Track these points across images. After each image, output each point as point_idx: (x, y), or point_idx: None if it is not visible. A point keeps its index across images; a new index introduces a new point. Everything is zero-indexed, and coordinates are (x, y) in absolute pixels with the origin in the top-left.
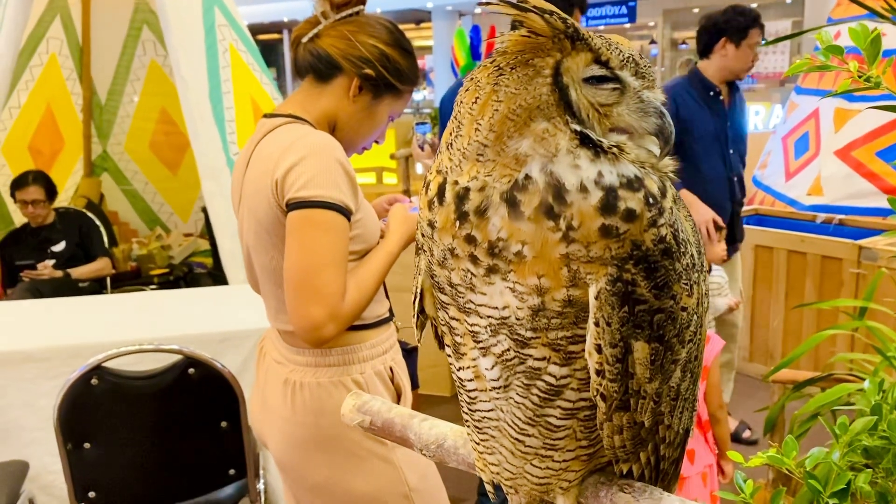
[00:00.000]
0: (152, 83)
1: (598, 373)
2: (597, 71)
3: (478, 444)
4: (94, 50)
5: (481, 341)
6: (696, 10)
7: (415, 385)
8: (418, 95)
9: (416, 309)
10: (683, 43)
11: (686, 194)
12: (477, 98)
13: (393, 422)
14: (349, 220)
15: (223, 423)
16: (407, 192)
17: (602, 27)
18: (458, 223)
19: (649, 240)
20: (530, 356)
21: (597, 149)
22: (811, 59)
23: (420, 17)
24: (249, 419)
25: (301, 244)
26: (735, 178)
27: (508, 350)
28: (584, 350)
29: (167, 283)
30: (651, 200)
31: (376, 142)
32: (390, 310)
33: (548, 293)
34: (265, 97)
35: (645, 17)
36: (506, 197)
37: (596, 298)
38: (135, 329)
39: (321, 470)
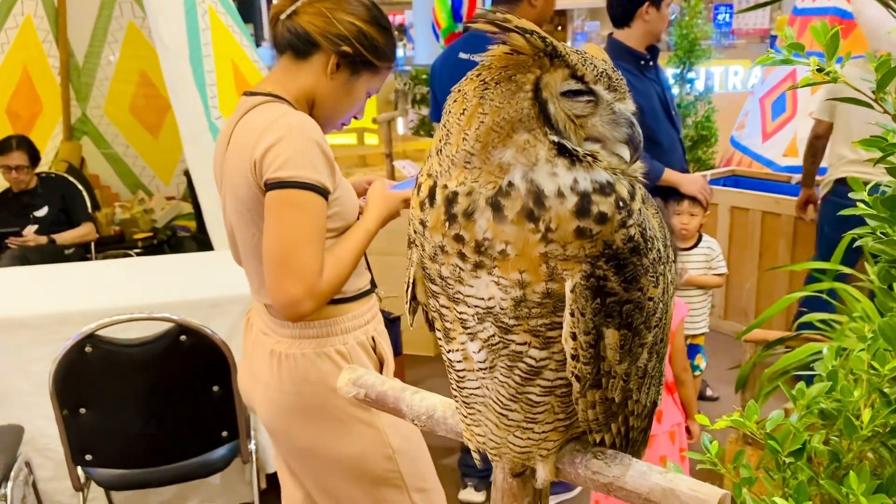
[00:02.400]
0: (131, 45)
1: (574, 357)
2: (573, 85)
3: (465, 416)
4: (69, 11)
5: (469, 327)
6: None
7: (398, 352)
8: (399, 52)
9: (408, 296)
10: None
11: (669, 174)
12: (464, 110)
13: (386, 394)
14: (326, 199)
15: (215, 388)
16: (389, 156)
17: None
18: (447, 224)
19: (619, 239)
20: (513, 341)
21: (573, 157)
22: (773, 51)
23: None
24: (239, 386)
25: (279, 223)
26: (681, 141)
27: (493, 336)
28: (560, 336)
29: (151, 246)
30: (621, 204)
31: (355, 117)
32: (372, 282)
33: (528, 286)
34: (246, 60)
35: None
36: (491, 201)
37: (571, 292)
38: (124, 295)
39: (307, 435)
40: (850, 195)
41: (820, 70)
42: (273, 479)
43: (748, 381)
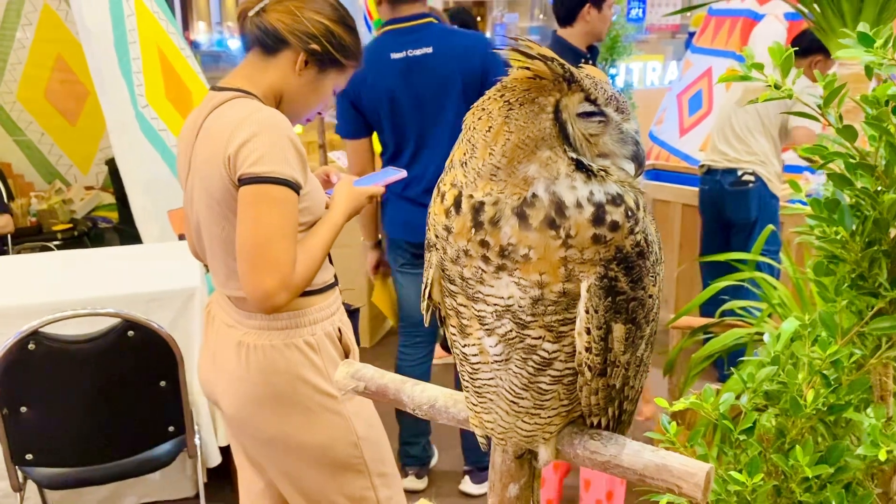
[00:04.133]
0: (46, 29)
1: (587, 349)
2: (587, 107)
3: (475, 405)
4: None
5: (487, 324)
6: None
7: (358, 342)
8: None
9: (425, 296)
10: None
11: None
12: (490, 127)
13: (386, 387)
14: (298, 194)
15: (162, 383)
16: (323, 147)
17: None
18: (473, 230)
19: (629, 245)
20: (529, 335)
21: (588, 172)
22: (704, 16)
23: None
24: (200, 379)
25: (254, 217)
26: None
27: (511, 331)
28: (571, 330)
29: (71, 238)
30: (630, 213)
31: (320, 113)
32: (335, 275)
33: (547, 286)
34: (172, 47)
35: None
36: (517, 211)
37: (587, 291)
38: (62, 290)
39: (274, 424)
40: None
41: (777, 87)
42: (213, 473)
43: (674, 365)
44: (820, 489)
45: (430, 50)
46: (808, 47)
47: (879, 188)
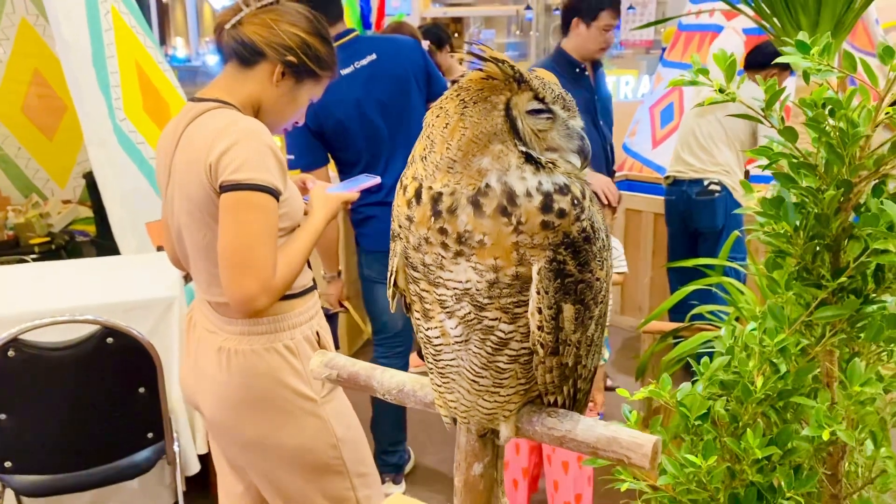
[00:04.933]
0: (24, 43)
1: (539, 328)
2: (536, 105)
3: (439, 385)
4: None
5: (447, 307)
6: None
7: (336, 346)
8: None
9: (390, 283)
10: (557, 9)
11: None
12: (447, 124)
13: (357, 374)
14: (278, 200)
15: (141, 389)
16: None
17: None
18: (433, 219)
19: (575, 231)
20: (486, 317)
21: (537, 164)
22: (673, 32)
23: None
24: (181, 385)
25: (235, 223)
26: (608, 147)
27: (469, 313)
28: (526, 311)
29: (49, 252)
30: (576, 202)
31: (296, 123)
32: (313, 279)
33: (501, 270)
34: (150, 61)
35: None
36: (471, 200)
37: (538, 273)
38: (41, 300)
39: (254, 427)
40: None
41: (721, 91)
42: (192, 482)
43: (647, 368)
44: (771, 470)
45: (374, 56)
46: (765, 61)
47: (821, 186)
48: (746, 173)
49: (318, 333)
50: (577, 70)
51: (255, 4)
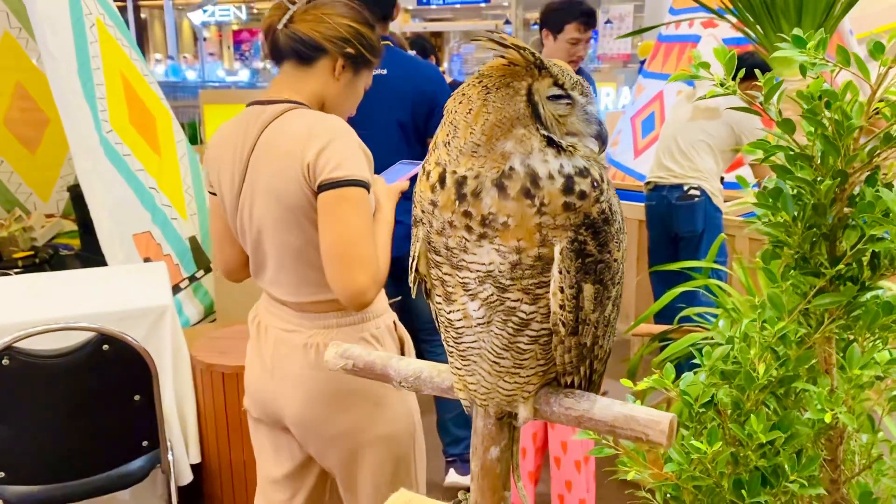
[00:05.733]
0: (6, 57)
1: (561, 307)
2: (556, 91)
3: (459, 368)
4: None
5: (470, 289)
6: None
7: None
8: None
9: (412, 269)
10: (535, 23)
11: None
12: (470, 109)
13: (374, 363)
14: (370, 193)
15: (136, 397)
16: None
17: (458, 5)
18: (457, 202)
19: (595, 212)
20: (508, 298)
21: (558, 148)
22: (652, 44)
23: None
24: (253, 398)
25: (339, 220)
26: None
27: (492, 295)
28: (547, 292)
29: (32, 266)
30: (595, 184)
31: (351, 114)
32: None
33: (524, 252)
34: (135, 73)
35: None
36: (496, 182)
37: (560, 253)
38: (34, 310)
39: (346, 418)
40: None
41: (722, 84)
42: (184, 493)
43: (636, 371)
44: (774, 455)
45: (384, 72)
46: (745, 73)
47: (817, 177)
48: (721, 179)
49: (394, 322)
50: None
51: (301, 1)
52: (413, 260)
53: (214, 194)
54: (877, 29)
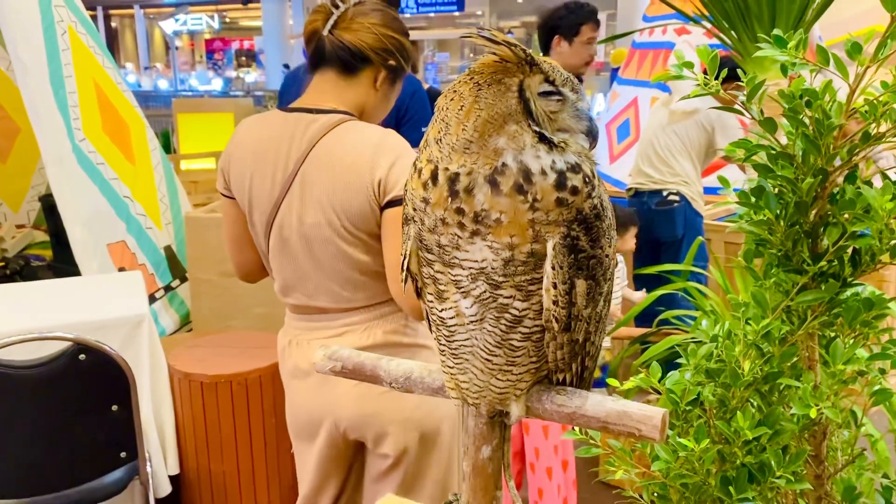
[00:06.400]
0: None
1: (554, 302)
2: (547, 87)
3: (451, 367)
4: None
5: (462, 287)
6: (520, 1)
7: None
8: (250, 77)
9: (404, 267)
10: (510, 32)
11: None
12: (462, 106)
13: (363, 364)
14: None
15: (114, 407)
16: None
17: (432, 14)
18: (450, 199)
19: (587, 207)
20: (501, 295)
21: (550, 144)
22: (626, 52)
23: None
24: (304, 417)
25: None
26: None
27: (485, 292)
28: (540, 289)
29: (3, 277)
30: (587, 179)
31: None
32: None
33: (517, 248)
34: (108, 81)
35: (473, 6)
36: (488, 179)
37: (553, 249)
38: (8, 320)
39: (400, 405)
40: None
41: (705, 84)
42: None
43: (617, 373)
44: (760, 451)
45: None
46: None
47: (799, 175)
48: None
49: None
50: None
51: (344, 5)
52: (404, 258)
53: (230, 197)
54: (844, 36)
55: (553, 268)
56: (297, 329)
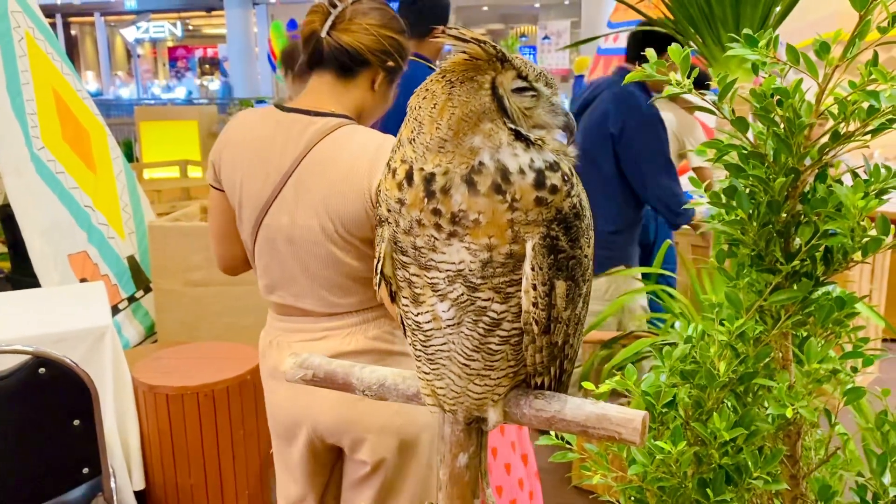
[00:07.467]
0: None
1: (534, 305)
2: (520, 83)
3: (427, 373)
4: None
5: (439, 290)
6: (485, 8)
7: None
8: (213, 85)
9: (377, 270)
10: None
11: None
12: (435, 104)
13: (335, 372)
14: None
15: (76, 422)
16: None
17: None
18: (426, 200)
19: (567, 206)
20: (479, 298)
21: (527, 142)
22: (589, 60)
23: (211, 5)
24: (284, 415)
25: None
26: None
27: (462, 295)
28: (518, 291)
29: None
30: (566, 178)
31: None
32: None
33: (495, 249)
34: (68, 88)
35: None
36: (465, 178)
37: (532, 249)
38: None
39: (383, 414)
40: None
41: (678, 83)
42: None
43: (589, 377)
44: (737, 452)
45: None
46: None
47: (770, 175)
48: None
49: None
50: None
51: (342, 4)
52: (378, 261)
53: (220, 190)
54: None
55: (532, 269)
56: (279, 330)
